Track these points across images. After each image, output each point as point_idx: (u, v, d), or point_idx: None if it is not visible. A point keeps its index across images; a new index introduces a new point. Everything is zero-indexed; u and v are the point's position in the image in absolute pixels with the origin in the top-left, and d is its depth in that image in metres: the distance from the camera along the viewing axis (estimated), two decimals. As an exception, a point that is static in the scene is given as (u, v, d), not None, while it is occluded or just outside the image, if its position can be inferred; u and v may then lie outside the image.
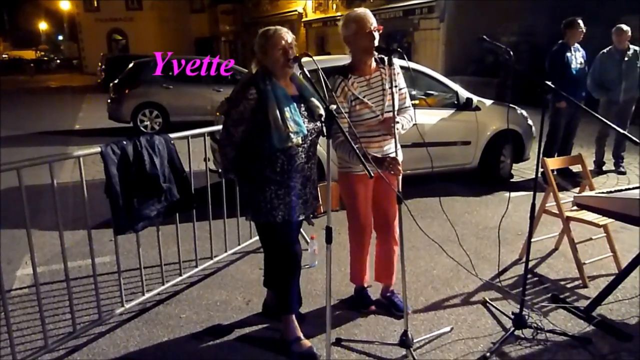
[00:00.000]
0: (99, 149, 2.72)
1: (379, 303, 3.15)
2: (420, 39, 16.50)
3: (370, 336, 2.83)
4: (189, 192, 3.12)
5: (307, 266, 3.58)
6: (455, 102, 5.68)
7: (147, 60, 11.16)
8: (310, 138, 2.46)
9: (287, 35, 2.40)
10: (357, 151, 2.11)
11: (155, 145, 2.91)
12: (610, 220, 3.18)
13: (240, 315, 3.08)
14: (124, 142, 2.79)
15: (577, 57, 6.01)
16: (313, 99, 2.48)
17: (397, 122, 2.68)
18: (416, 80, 6.42)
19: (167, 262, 3.54)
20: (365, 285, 3.14)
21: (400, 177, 2.87)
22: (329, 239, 2.20)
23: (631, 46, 6.09)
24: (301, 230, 3.61)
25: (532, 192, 2.73)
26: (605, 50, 6.20)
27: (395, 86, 2.78)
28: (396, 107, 2.74)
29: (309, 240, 3.75)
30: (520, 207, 4.67)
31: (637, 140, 2.49)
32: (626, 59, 6.05)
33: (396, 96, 2.77)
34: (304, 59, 2.41)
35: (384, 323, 2.97)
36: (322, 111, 2.40)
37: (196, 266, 3.59)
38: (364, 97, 2.68)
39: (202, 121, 7.55)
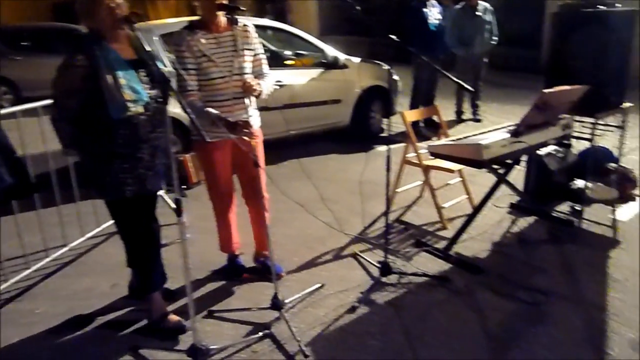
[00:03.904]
0: None
1: (254, 269, 3.13)
2: (295, -2, 16.34)
3: (245, 303, 2.79)
4: (25, 176, 2.76)
5: (177, 240, 3.42)
6: (324, 61, 5.71)
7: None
8: (154, 105, 2.27)
9: None
10: (197, 111, 1.98)
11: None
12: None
13: (105, 302, 2.87)
14: None
15: (433, 12, 6.32)
16: (155, 62, 2.28)
17: (258, 85, 2.58)
18: (285, 41, 6.36)
19: (12, 255, 3.18)
20: (237, 253, 3.08)
21: (260, 141, 2.81)
22: (178, 212, 2.08)
23: (481, 2, 6.52)
24: (168, 201, 3.43)
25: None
26: (458, 6, 6.57)
27: (250, 49, 2.67)
28: (248, 69, 2.64)
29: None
30: (390, 160, 4.87)
31: (471, 89, 2.66)
32: (477, 14, 6.48)
33: (249, 58, 2.66)
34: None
35: (258, 289, 2.94)
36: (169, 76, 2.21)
37: (46, 256, 3.26)
38: (211, 54, 2.54)
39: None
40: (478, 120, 6.87)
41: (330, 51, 5.75)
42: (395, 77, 6.26)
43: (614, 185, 3.63)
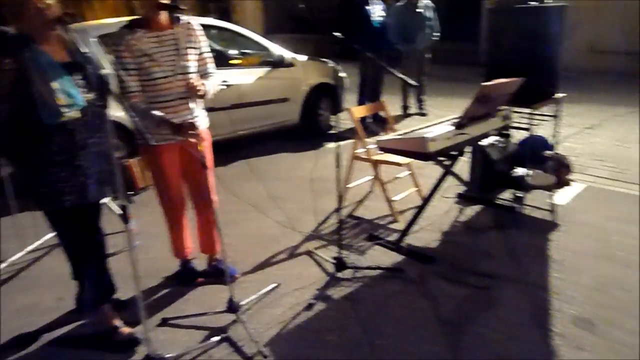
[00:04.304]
0: None
1: (207, 273, 3.07)
2: (238, -3, 16.14)
3: (200, 308, 2.74)
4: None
5: (126, 248, 3.31)
6: (270, 60, 5.68)
7: None
8: (92, 109, 2.18)
9: None
10: (141, 114, 1.92)
11: None
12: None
13: (50, 317, 2.73)
14: None
15: (376, 10, 6.42)
16: (91, 64, 2.19)
17: (203, 85, 2.53)
18: (229, 40, 6.27)
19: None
20: (190, 258, 3.02)
21: (209, 143, 2.77)
22: (125, 219, 2.01)
23: (422, -2, 6.69)
24: (113, 208, 3.31)
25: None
26: (400, 3, 6.71)
27: (195, 47, 2.61)
28: (193, 69, 2.59)
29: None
30: (340, 156, 4.91)
31: (415, 84, 2.72)
32: (418, 10, 6.63)
33: (193, 57, 2.61)
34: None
35: (213, 292, 2.90)
36: (107, 78, 2.13)
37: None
38: (153, 54, 2.47)
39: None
40: (424, 114, 7.05)
41: (276, 50, 5.73)
42: (342, 74, 6.32)
43: (551, 171, 3.82)
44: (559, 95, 3.80)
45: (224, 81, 4.93)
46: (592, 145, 5.65)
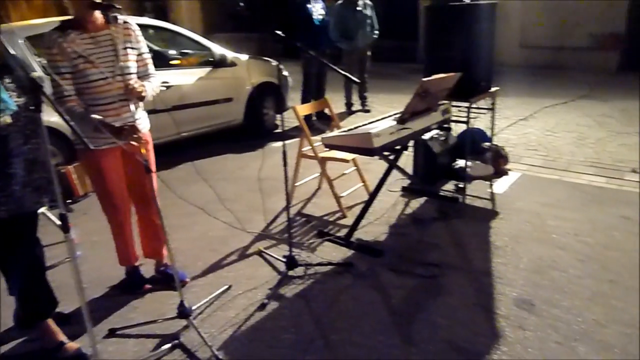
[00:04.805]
0: None
1: (156, 280, 2.99)
2: (176, -4, 15.73)
3: (149, 316, 2.67)
4: None
5: (67, 259, 3.17)
6: (211, 59, 5.59)
7: None
8: (24, 114, 2.07)
9: None
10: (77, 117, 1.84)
11: None
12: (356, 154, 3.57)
13: (-13, 336, 2.58)
14: None
15: (317, 8, 6.46)
16: (21, 67, 2.07)
17: (143, 87, 2.45)
18: (168, 40, 6.12)
19: None
20: (136, 265, 2.93)
21: (151, 145, 2.70)
22: (65, 228, 1.92)
23: (360, -4, 6.79)
24: (52, 218, 3.15)
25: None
26: (339, 2, 6.78)
27: (133, 48, 2.53)
28: (132, 70, 2.50)
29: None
30: (287, 155, 4.92)
31: (357, 80, 2.77)
32: (358, 9, 6.73)
33: (132, 57, 2.52)
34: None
35: (163, 299, 2.83)
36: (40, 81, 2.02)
37: None
38: (89, 55, 2.37)
39: None
40: (367, 111, 7.17)
41: (217, 49, 5.65)
42: (285, 72, 6.33)
43: (490, 162, 3.99)
44: (494, 89, 3.98)
45: (165, 82, 4.81)
46: (526, 135, 5.95)
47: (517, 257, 3.14)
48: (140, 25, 2.66)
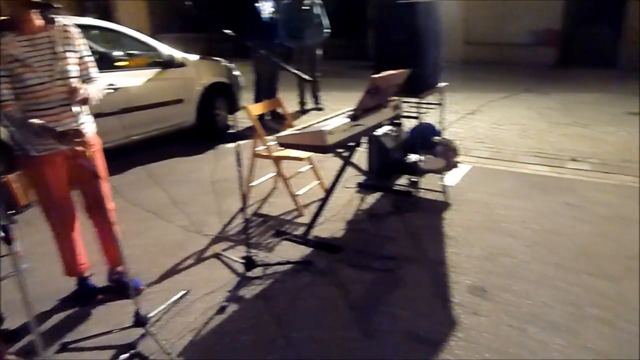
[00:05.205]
0: None
1: (109, 289, 2.90)
2: (120, -4, 15.24)
3: (104, 327, 2.57)
4: None
5: (12, 273, 3.01)
6: (160, 60, 5.45)
7: None
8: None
9: None
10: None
11: None
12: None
13: None
14: None
15: (266, 7, 6.43)
16: None
17: (85, 89, 2.36)
18: (113, 41, 5.92)
19: None
20: (86, 275, 2.82)
21: (99, 149, 2.61)
22: (8, 240, 1.84)
23: (308, -5, 6.80)
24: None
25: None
26: (286, 1, 6.77)
27: (73, 51, 2.43)
28: (74, 73, 2.41)
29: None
30: (241, 155, 4.87)
31: (309, 78, 2.78)
32: (305, 7, 6.74)
33: (73, 60, 2.43)
34: None
35: (118, 308, 2.74)
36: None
37: None
38: (26, 58, 2.26)
39: None
40: (320, 109, 7.21)
41: (165, 50, 5.51)
42: (236, 72, 6.25)
43: (440, 155, 4.10)
44: (442, 84, 4.09)
45: (111, 84, 4.66)
46: (474, 129, 6.16)
47: (469, 246, 3.24)
48: (81, 26, 2.56)
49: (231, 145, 5.40)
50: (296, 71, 3.04)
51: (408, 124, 4.31)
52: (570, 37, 11.00)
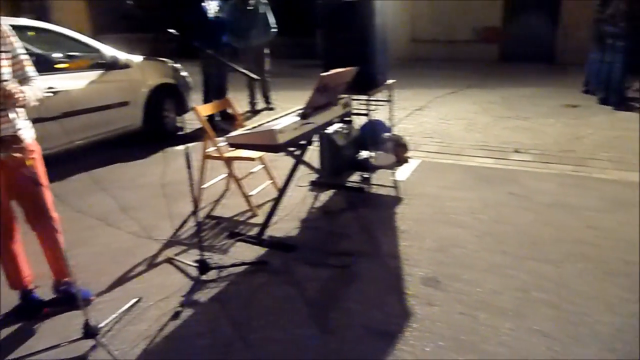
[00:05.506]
0: None
1: (56, 301, 2.77)
2: (59, -4, 14.57)
3: (51, 341, 2.46)
4: None
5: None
6: (102, 62, 5.26)
7: None
8: None
9: None
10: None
11: None
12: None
13: None
14: None
15: (212, 6, 6.33)
16: None
17: (22, 92, 2.24)
18: (52, 43, 5.66)
19: None
20: (30, 287, 2.69)
21: (39, 156, 2.49)
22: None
23: (252, -5, 6.76)
24: None
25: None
26: (232, 1, 6.70)
27: (6, 51, 2.30)
28: (7, 75, 2.29)
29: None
30: (191, 157, 4.77)
31: (257, 77, 2.77)
32: (249, 7, 6.69)
33: (6, 62, 2.30)
34: None
35: (65, 321, 2.62)
36: None
37: None
38: None
39: None
40: (271, 109, 7.18)
41: (108, 51, 5.33)
42: (183, 73, 6.14)
43: (391, 151, 4.18)
44: (390, 81, 4.16)
45: (50, 88, 4.46)
46: (422, 124, 6.31)
47: (421, 239, 3.32)
48: (16, 27, 2.45)
49: (181, 147, 5.33)
50: (245, 71, 3.02)
51: (358, 121, 4.37)
52: (509, 35, 11.48)
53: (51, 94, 4.46)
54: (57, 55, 5.51)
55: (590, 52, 7.44)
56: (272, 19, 6.90)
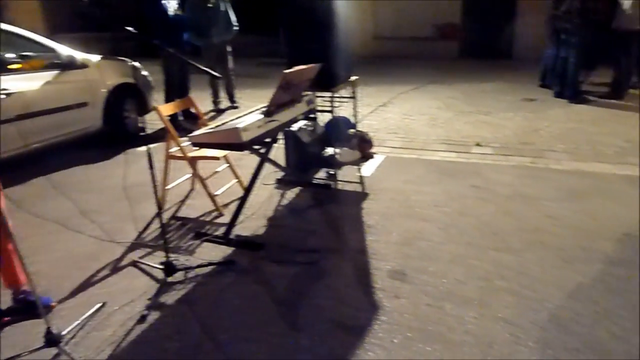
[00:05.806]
0: None
1: (14, 310, 2.67)
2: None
3: (11, 351, 2.37)
4: None
5: None
6: (58, 61, 5.09)
7: None
8: None
9: None
10: None
11: None
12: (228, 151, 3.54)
13: None
14: None
15: (172, 4, 6.22)
16: None
17: None
18: (4, 43, 5.44)
19: None
20: (-14, 298, 2.59)
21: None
22: None
23: (212, -9, 6.67)
24: None
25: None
26: (191, -1, 6.61)
27: None
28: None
29: None
30: (154, 158, 4.68)
31: (219, 75, 2.74)
32: (210, 5, 6.60)
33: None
34: None
35: (26, 330, 2.53)
36: None
37: None
38: None
39: None
40: (236, 107, 7.13)
41: (64, 50, 5.16)
42: (144, 72, 6.01)
43: (356, 147, 4.23)
44: (353, 78, 4.19)
45: (4, 89, 4.29)
46: (386, 120, 6.39)
47: (387, 233, 3.37)
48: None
49: (143, 148, 5.22)
50: (207, 69, 2.98)
51: (323, 118, 4.39)
52: (468, 31, 11.75)
53: (4, 96, 4.30)
54: (9, 55, 5.30)
55: (546, 48, 7.70)
56: (233, 17, 6.83)
